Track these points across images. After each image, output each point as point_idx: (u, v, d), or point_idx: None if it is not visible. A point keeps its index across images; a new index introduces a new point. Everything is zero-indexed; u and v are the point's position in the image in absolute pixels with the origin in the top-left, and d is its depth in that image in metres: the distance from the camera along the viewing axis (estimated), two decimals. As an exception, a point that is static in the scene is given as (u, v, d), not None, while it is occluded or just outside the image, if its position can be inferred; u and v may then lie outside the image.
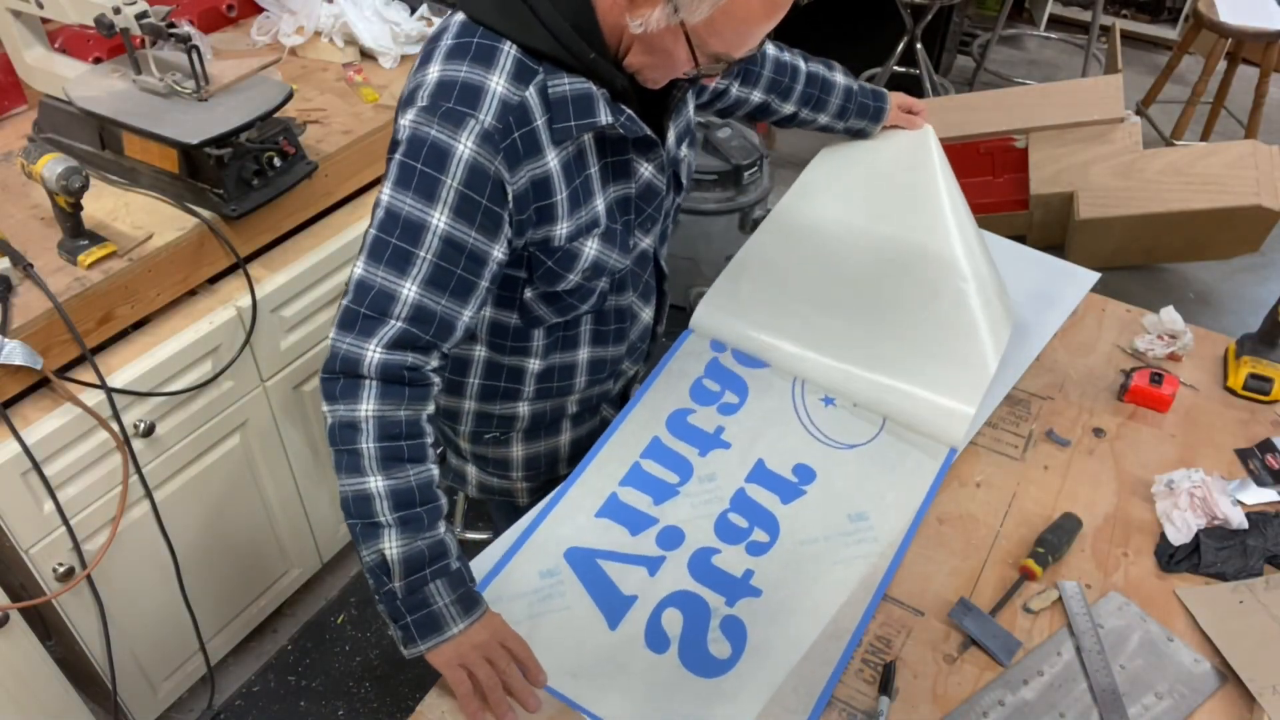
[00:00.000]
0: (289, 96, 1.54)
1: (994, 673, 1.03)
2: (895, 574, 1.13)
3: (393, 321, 0.96)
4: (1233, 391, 1.40)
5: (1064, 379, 1.42)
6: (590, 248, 1.07)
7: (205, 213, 1.53)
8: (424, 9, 2.04)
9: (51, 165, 1.33)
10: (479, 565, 1.13)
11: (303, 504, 1.90)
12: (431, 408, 1.01)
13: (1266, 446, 1.29)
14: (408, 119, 0.95)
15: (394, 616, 0.99)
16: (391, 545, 0.97)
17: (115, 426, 1.43)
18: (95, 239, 1.44)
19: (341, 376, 0.97)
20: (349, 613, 2.09)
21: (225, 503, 1.72)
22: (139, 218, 1.53)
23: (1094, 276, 1.61)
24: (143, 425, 1.48)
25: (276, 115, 1.55)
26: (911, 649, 1.06)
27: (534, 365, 1.21)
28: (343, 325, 0.98)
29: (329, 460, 0.98)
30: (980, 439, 1.32)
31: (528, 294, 1.12)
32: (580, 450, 1.31)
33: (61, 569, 1.45)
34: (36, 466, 1.35)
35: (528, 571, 1.12)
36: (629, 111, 1.00)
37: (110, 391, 1.41)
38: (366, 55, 1.99)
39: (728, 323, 1.41)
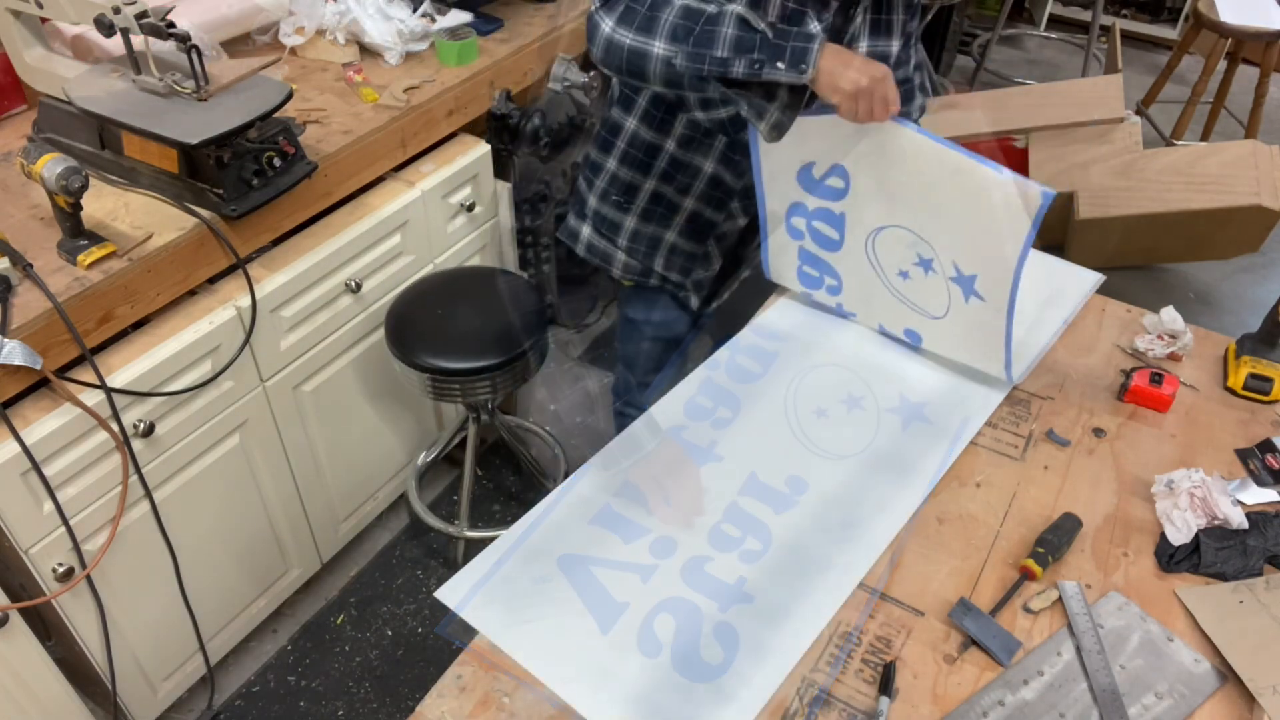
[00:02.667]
0: (289, 96, 1.54)
1: (994, 673, 1.03)
2: (893, 574, 1.13)
3: None
4: (1233, 391, 1.40)
5: (1064, 379, 1.42)
6: None
7: (205, 213, 1.53)
8: (426, 5, 2.04)
9: (51, 165, 1.33)
10: (472, 570, 1.13)
11: (303, 504, 1.90)
12: None
13: (1266, 446, 1.29)
14: None
15: (777, 53, 1.13)
16: (737, 6, 1.15)
17: (115, 426, 1.43)
18: (95, 239, 1.44)
19: None
20: (349, 613, 2.09)
21: (225, 503, 1.72)
22: (139, 218, 1.52)
23: (1098, 278, 1.61)
24: (142, 425, 1.48)
25: (276, 115, 1.55)
26: (911, 649, 1.06)
27: (670, 146, 1.44)
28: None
29: (329, 459, 0.99)
30: (980, 439, 1.32)
31: None
32: (678, 262, 1.58)
33: (61, 569, 1.45)
34: (36, 466, 1.35)
35: (521, 576, 1.12)
36: None
37: (110, 391, 1.41)
38: (367, 54, 1.99)
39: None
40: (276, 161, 1.57)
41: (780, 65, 1.14)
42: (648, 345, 1.72)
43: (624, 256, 1.60)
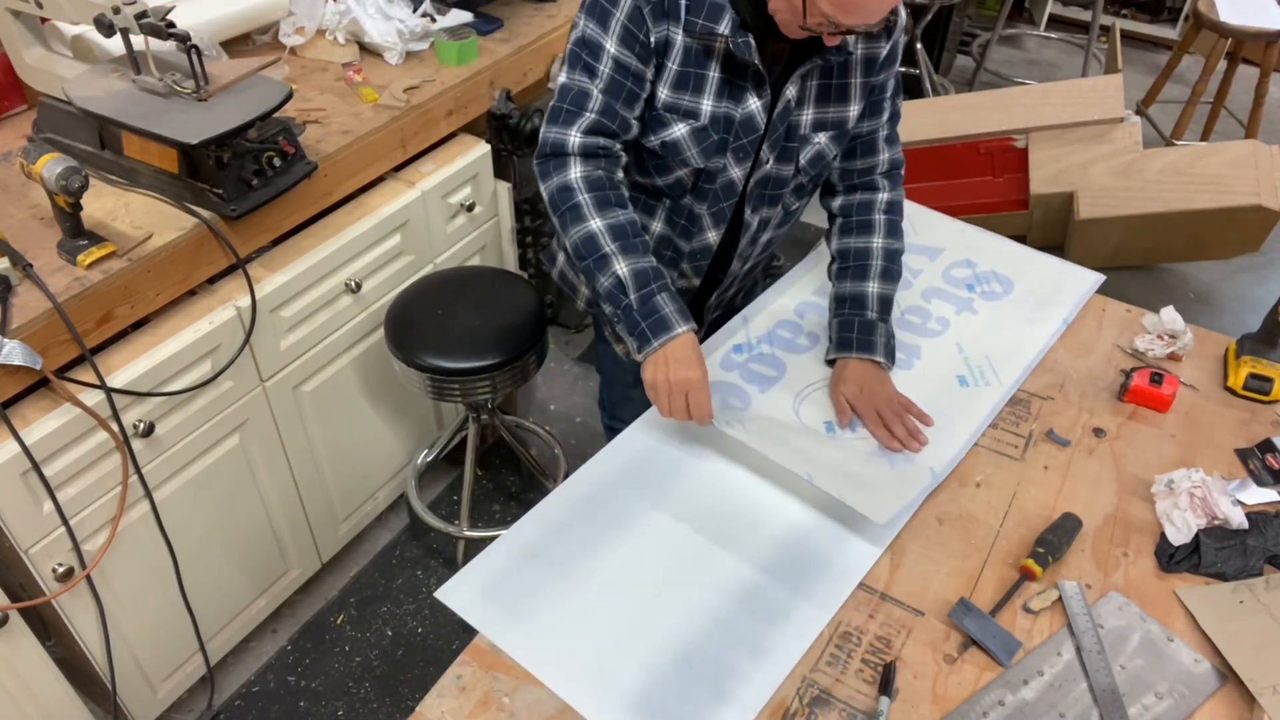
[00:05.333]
0: (288, 96, 1.54)
1: (994, 673, 1.03)
2: (893, 574, 1.13)
3: (588, 114, 1.26)
4: (1233, 391, 1.40)
5: (1064, 379, 1.42)
6: (678, 129, 1.29)
7: (205, 213, 1.53)
8: (426, 5, 2.04)
9: (51, 165, 1.33)
10: (472, 570, 1.13)
11: (303, 504, 1.90)
12: (621, 173, 1.32)
13: (1266, 446, 1.29)
14: None
15: (631, 326, 1.26)
16: (621, 267, 1.25)
17: (115, 426, 1.43)
18: (95, 239, 1.44)
19: (552, 158, 1.29)
20: (349, 613, 2.09)
21: (225, 503, 1.72)
22: (138, 218, 1.52)
23: (1098, 278, 1.61)
24: (142, 425, 1.48)
25: (276, 115, 1.55)
26: (911, 649, 1.06)
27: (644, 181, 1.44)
28: (551, 120, 1.29)
29: (329, 459, 0.99)
30: (980, 439, 1.32)
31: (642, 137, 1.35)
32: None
33: (61, 569, 1.45)
34: (36, 466, 1.34)
35: (521, 576, 1.12)
36: (749, 38, 1.20)
37: (110, 391, 1.41)
38: (367, 54, 1.99)
39: None
40: (276, 161, 1.57)
41: (630, 334, 1.27)
42: (624, 362, 1.71)
43: (587, 292, 1.59)
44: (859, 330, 1.38)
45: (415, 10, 2.03)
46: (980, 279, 1.61)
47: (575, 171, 1.27)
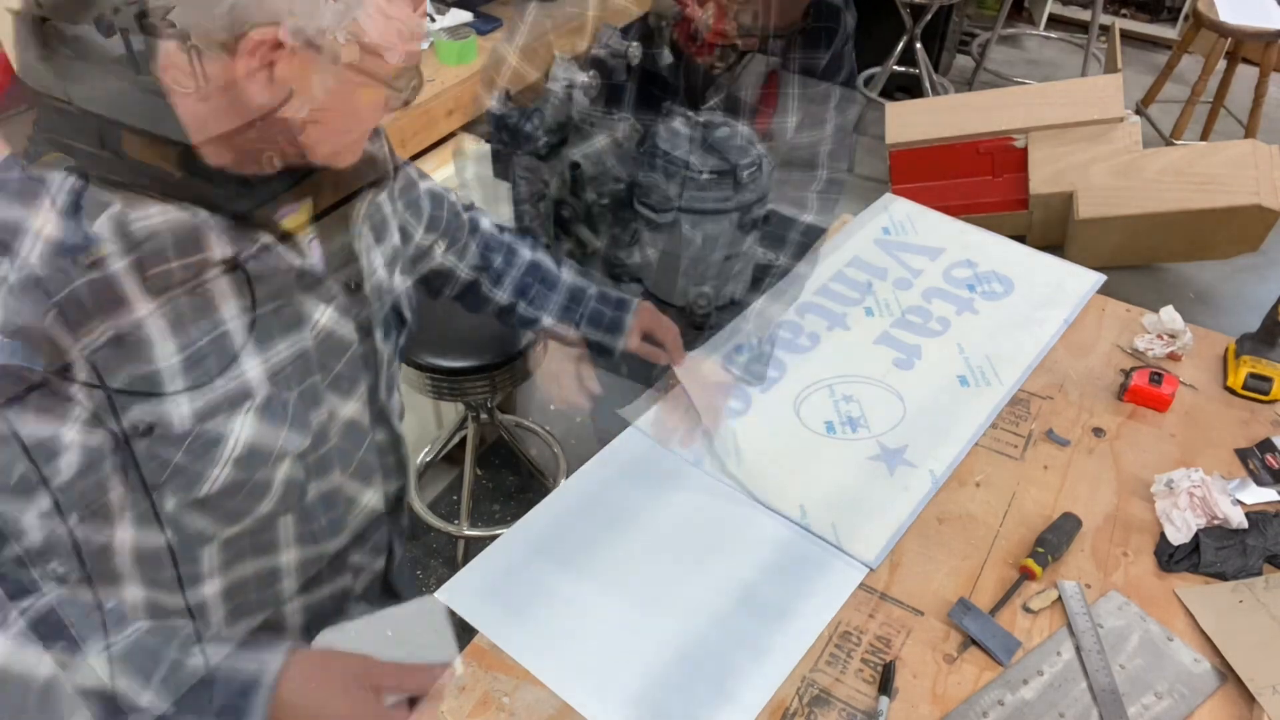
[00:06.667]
0: (288, 96, 1.54)
1: (994, 673, 1.03)
2: (893, 574, 1.14)
3: None
4: (1233, 391, 1.40)
5: (1064, 379, 1.42)
6: (239, 427, 0.84)
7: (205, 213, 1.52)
8: (425, 6, 2.04)
9: (51, 165, 1.33)
10: (472, 569, 1.13)
11: (302, 504, 1.90)
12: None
13: (1266, 446, 1.29)
14: None
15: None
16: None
17: (115, 426, 1.43)
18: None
19: None
20: (349, 612, 2.08)
21: (225, 503, 1.72)
22: (139, 217, 1.52)
23: (1098, 278, 1.61)
24: (142, 425, 1.48)
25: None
26: (911, 649, 1.06)
27: (212, 589, 0.91)
28: None
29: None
30: (980, 439, 1.32)
31: (169, 506, 0.87)
32: None
33: (61, 569, 1.45)
34: (36, 466, 1.34)
35: (521, 576, 1.12)
36: (265, 239, 0.81)
37: (110, 392, 1.40)
38: (366, 55, 1.99)
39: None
40: (276, 161, 1.57)
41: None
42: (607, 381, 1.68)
43: None
44: (611, 305, 1.33)
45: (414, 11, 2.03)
46: (981, 279, 1.61)
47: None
